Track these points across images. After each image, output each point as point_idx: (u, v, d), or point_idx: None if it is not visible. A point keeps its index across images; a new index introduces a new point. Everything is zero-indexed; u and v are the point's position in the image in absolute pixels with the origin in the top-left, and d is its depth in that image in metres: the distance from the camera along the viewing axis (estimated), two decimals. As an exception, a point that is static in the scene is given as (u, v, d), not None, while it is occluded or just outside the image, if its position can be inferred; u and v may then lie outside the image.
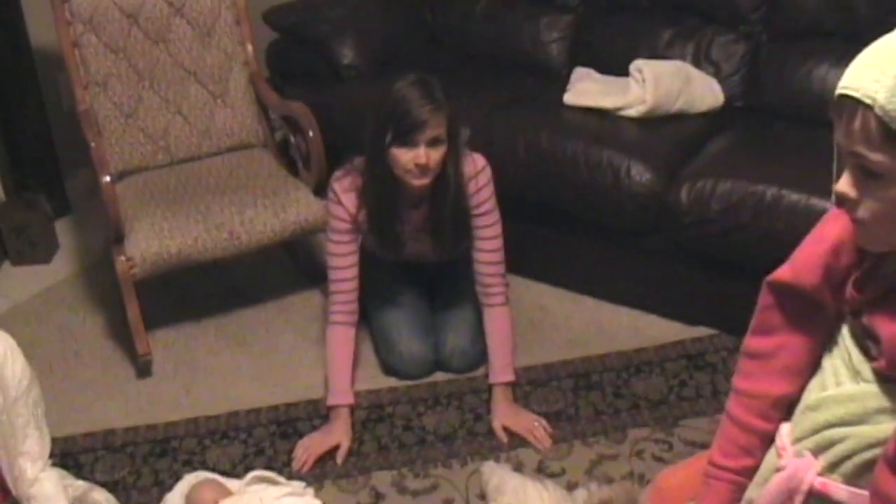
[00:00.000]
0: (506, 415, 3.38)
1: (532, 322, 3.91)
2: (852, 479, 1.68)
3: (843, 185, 1.57)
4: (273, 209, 3.80)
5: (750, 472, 1.89)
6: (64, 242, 4.56)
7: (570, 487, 3.06)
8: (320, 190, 3.81)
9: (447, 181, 3.24)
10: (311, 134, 3.92)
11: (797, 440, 1.77)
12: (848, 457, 1.68)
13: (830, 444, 1.70)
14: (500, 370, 3.43)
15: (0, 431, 2.42)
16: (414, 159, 3.12)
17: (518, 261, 3.76)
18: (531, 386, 3.57)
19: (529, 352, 3.72)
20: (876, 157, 1.49)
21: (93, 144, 3.80)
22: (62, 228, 4.58)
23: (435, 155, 3.14)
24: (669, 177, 3.68)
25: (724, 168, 3.63)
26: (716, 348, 3.71)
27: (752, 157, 3.70)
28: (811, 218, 3.31)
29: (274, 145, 4.36)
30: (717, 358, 3.65)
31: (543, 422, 3.36)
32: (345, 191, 3.34)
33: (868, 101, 1.47)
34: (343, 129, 3.93)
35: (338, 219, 3.36)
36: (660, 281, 3.86)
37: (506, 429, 3.35)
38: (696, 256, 3.68)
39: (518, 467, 3.20)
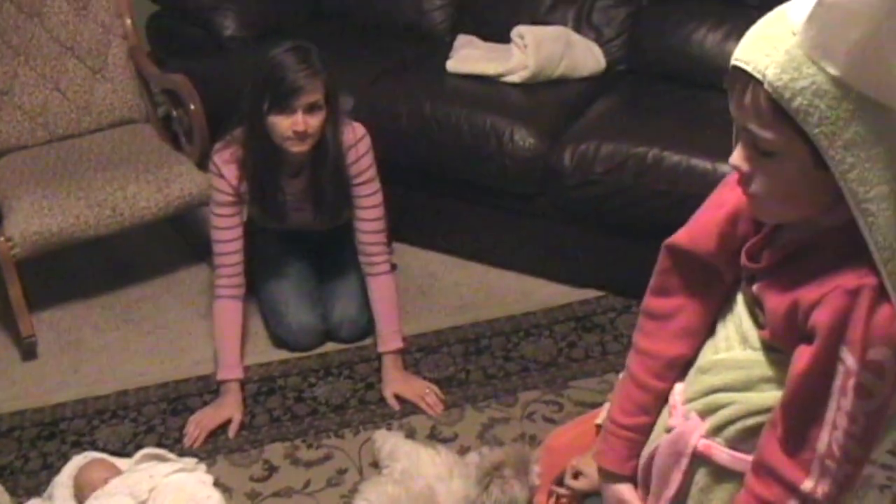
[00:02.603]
0: (396, 382, 3.39)
1: (421, 289, 3.92)
2: (734, 443, 1.71)
3: (736, 158, 1.54)
4: (156, 184, 3.75)
5: (646, 430, 1.90)
6: (-59, 224, 4.45)
7: (463, 452, 3.08)
8: (204, 163, 3.76)
9: (326, 148, 3.23)
10: (192, 107, 3.90)
11: (688, 401, 1.79)
12: (732, 422, 1.70)
13: (717, 407, 1.72)
14: (388, 338, 3.43)
15: None
16: (292, 126, 3.10)
17: (406, 229, 3.75)
18: (421, 353, 3.58)
19: (419, 319, 3.73)
20: (766, 134, 1.45)
21: (-33, 123, 3.73)
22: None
23: (313, 121, 3.12)
24: (553, 140, 3.71)
25: (607, 130, 3.67)
26: (603, 309, 3.76)
27: (634, 120, 3.76)
28: (693, 178, 3.40)
29: (156, 120, 4.30)
30: (605, 319, 3.70)
31: (435, 388, 3.38)
32: (225, 163, 3.30)
33: (758, 75, 1.41)
34: (226, 101, 3.86)
35: (220, 191, 3.32)
36: (546, 244, 3.90)
37: (397, 396, 3.36)
38: (581, 219, 3.72)
39: (410, 434, 3.21)
